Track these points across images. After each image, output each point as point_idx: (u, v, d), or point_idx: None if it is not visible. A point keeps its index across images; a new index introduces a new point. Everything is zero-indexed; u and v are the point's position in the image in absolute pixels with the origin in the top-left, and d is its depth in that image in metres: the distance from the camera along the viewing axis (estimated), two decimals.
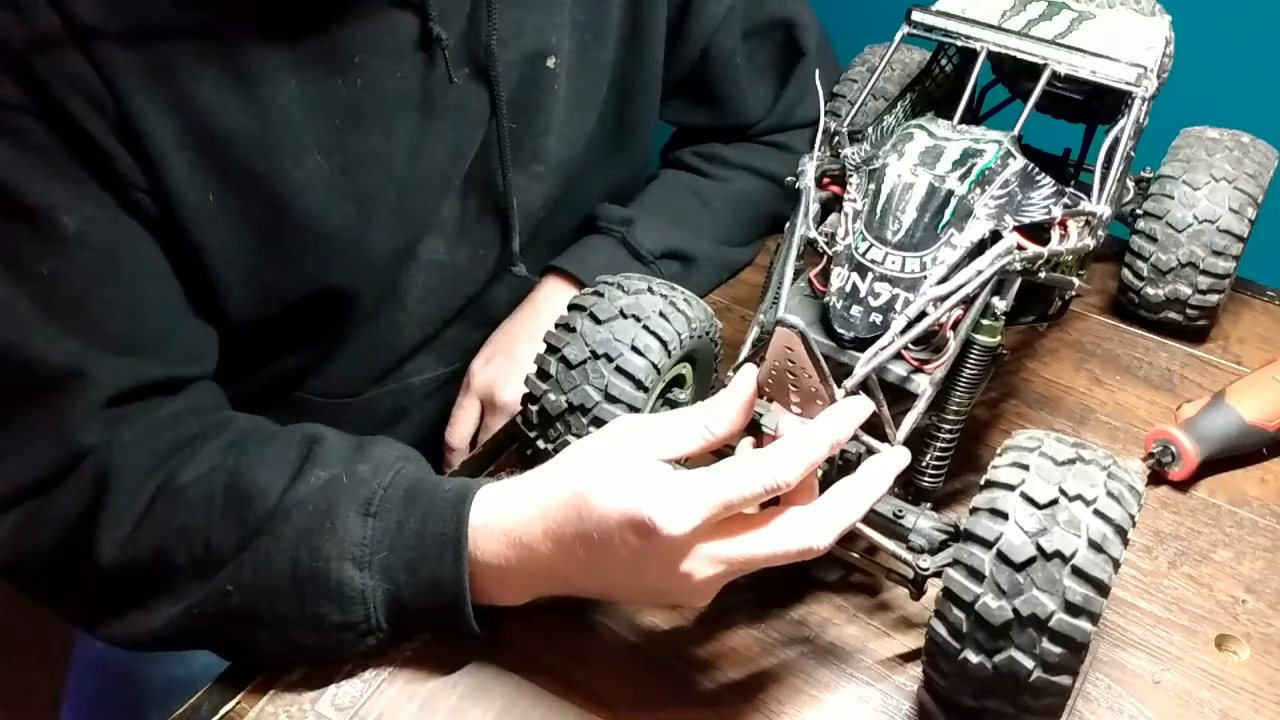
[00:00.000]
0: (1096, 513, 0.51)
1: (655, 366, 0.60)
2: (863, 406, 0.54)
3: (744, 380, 0.55)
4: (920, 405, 0.60)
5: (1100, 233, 0.66)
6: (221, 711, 0.59)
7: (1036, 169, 0.63)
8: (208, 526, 0.59)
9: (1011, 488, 0.52)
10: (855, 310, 0.58)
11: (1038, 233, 0.62)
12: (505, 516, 0.56)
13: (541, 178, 0.79)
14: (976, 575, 0.51)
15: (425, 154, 0.71)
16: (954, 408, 0.62)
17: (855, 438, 0.57)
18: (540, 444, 0.62)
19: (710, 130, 0.94)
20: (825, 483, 0.60)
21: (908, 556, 0.59)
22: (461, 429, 0.82)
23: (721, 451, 0.57)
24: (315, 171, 0.66)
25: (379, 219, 0.70)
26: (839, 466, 0.58)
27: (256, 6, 0.61)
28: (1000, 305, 0.60)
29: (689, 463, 0.55)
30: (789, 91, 0.92)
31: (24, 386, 0.60)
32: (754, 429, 0.59)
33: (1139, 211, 0.80)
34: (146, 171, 0.61)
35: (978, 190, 0.60)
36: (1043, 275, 0.63)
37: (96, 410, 0.61)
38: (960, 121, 0.66)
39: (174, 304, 0.65)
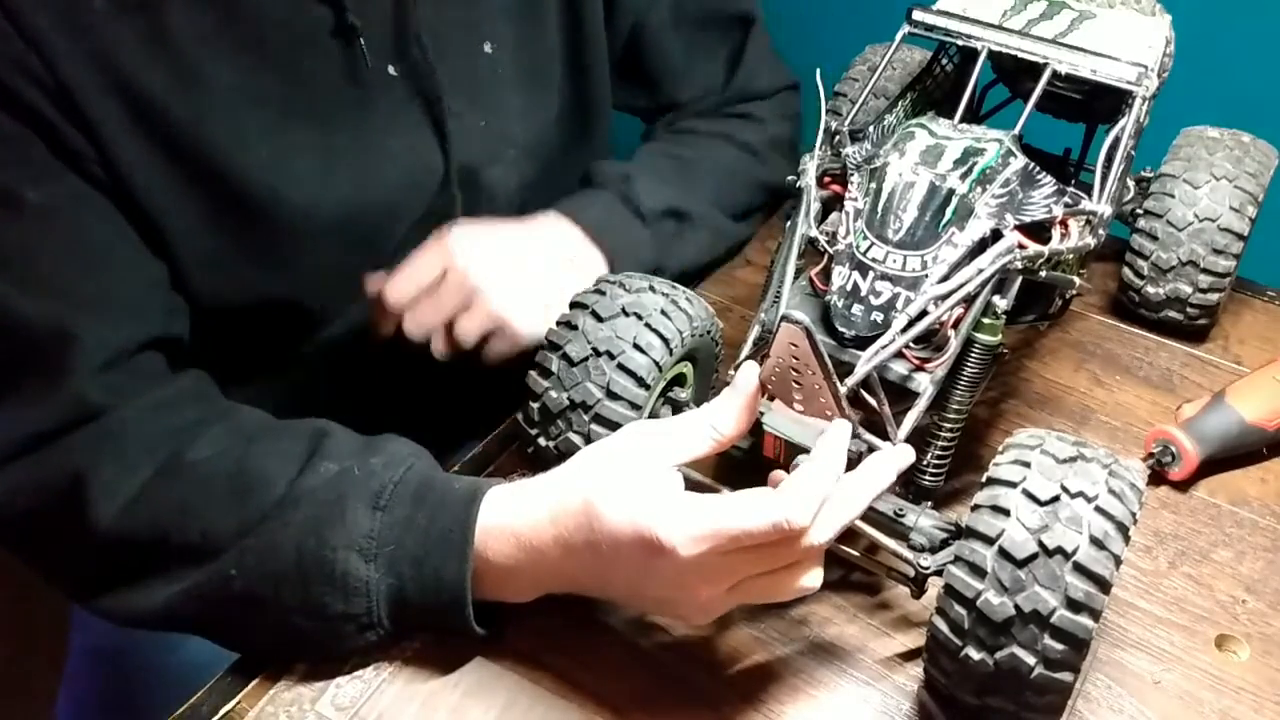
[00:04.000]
0: (1098, 510, 0.51)
1: (657, 364, 0.60)
2: (903, 458, 0.55)
3: (746, 378, 0.55)
4: (921, 404, 0.60)
5: (1101, 232, 0.66)
6: (221, 711, 0.59)
7: (1037, 168, 0.63)
8: (208, 508, 0.59)
9: (1013, 485, 0.52)
10: (856, 309, 0.58)
11: (1039, 232, 0.62)
12: (515, 519, 0.57)
13: (515, 162, 0.80)
14: (978, 571, 0.51)
15: (368, 146, 0.71)
16: (955, 406, 0.62)
17: (856, 436, 0.57)
18: (541, 441, 0.62)
19: (655, 111, 0.94)
20: None
21: (909, 555, 0.59)
22: (405, 287, 0.73)
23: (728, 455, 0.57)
24: (265, 154, 0.66)
25: (337, 211, 0.71)
26: None
27: None
28: (1001, 304, 0.60)
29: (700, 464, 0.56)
30: (744, 64, 0.93)
31: (16, 350, 0.61)
32: (755, 429, 0.59)
33: (1140, 210, 0.80)
34: (97, 149, 0.62)
35: (979, 189, 0.60)
36: (1043, 274, 0.63)
37: (93, 372, 0.61)
38: (961, 120, 0.66)
39: (147, 269, 0.66)
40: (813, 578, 0.55)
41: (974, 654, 0.52)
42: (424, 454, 0.63)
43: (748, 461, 0.61)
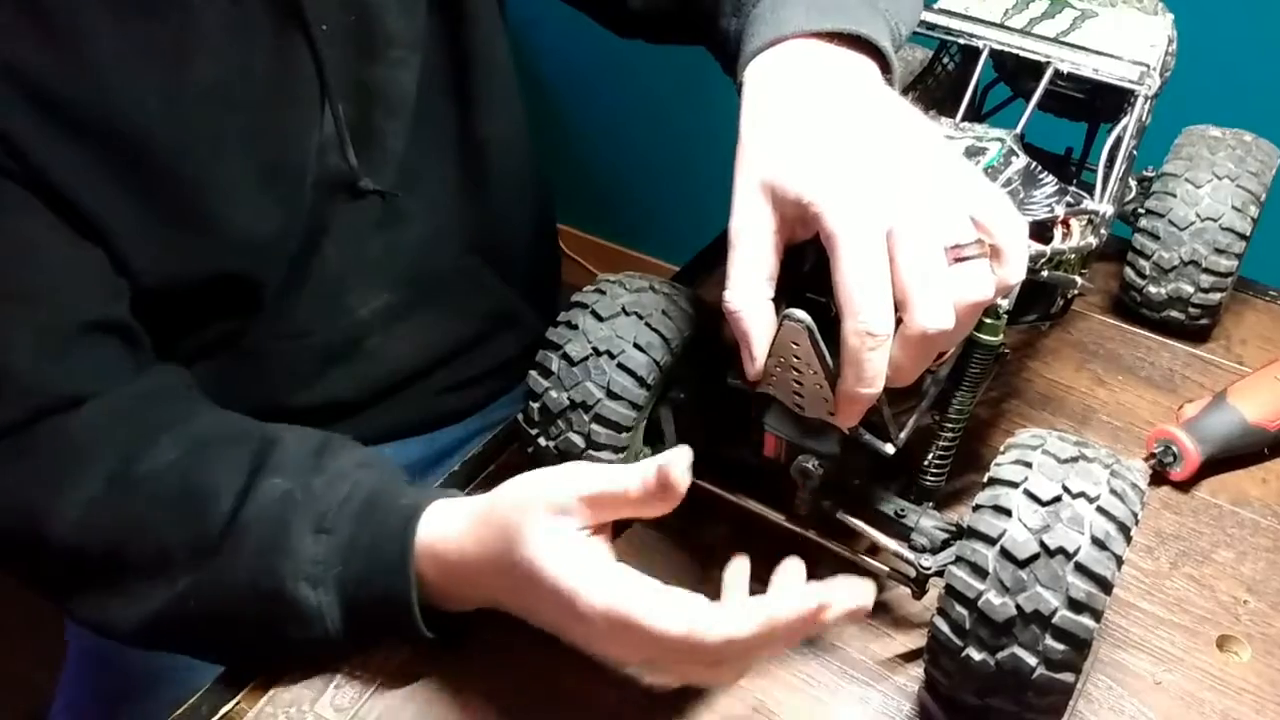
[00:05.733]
0: (1100, 510, 0.51)
1: (657, 364, 0.60)
2: (859, 598, 0.52)
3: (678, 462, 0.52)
4: (922, 404, 0.60)
5: (1103, 231, 0.66)
6: (221, 711, 0.59)
7: (1039, 167, 0.63)
8: (159, 526, 0.59)
9: (1015, 485, 0.52)
10: None
11: (1040, 231, 0.62)
12: (445, 538, 0.57)
13: (403, 61, 0.75)
14: (980, 572, 0.51)
15: (257, 73, 0.68)
16: (956, 407, 0.62)
17: (856, 434, 0.57)
18: (542, 441, 0.62)
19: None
20: (791, 494, 0.60)
21: (910, 555, 0.59)
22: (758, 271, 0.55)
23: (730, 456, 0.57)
24: (160, 115, 0.64)
25: (238, 151, 0.68)
26: (828, 468, 0.58)
27: None
28: (1003, 304, 0.59)
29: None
30: None
31: None
32: (757, 429, 0.59)
33: (1142, 210, 0.80)
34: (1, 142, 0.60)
35: None
36: (1045, 274, 0.63)
37: (33, 363, 0.60)
38: (963, 119, 0.66)
39: (76, 253, 0.64)
40: (733, 675, 0.55)
41: (975, 654, 0.52)
42: (374, 460, 0.62)
43: (748, 461, 0.61)
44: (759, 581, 0.65)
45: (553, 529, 0.53)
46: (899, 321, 0.50)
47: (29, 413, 0.60)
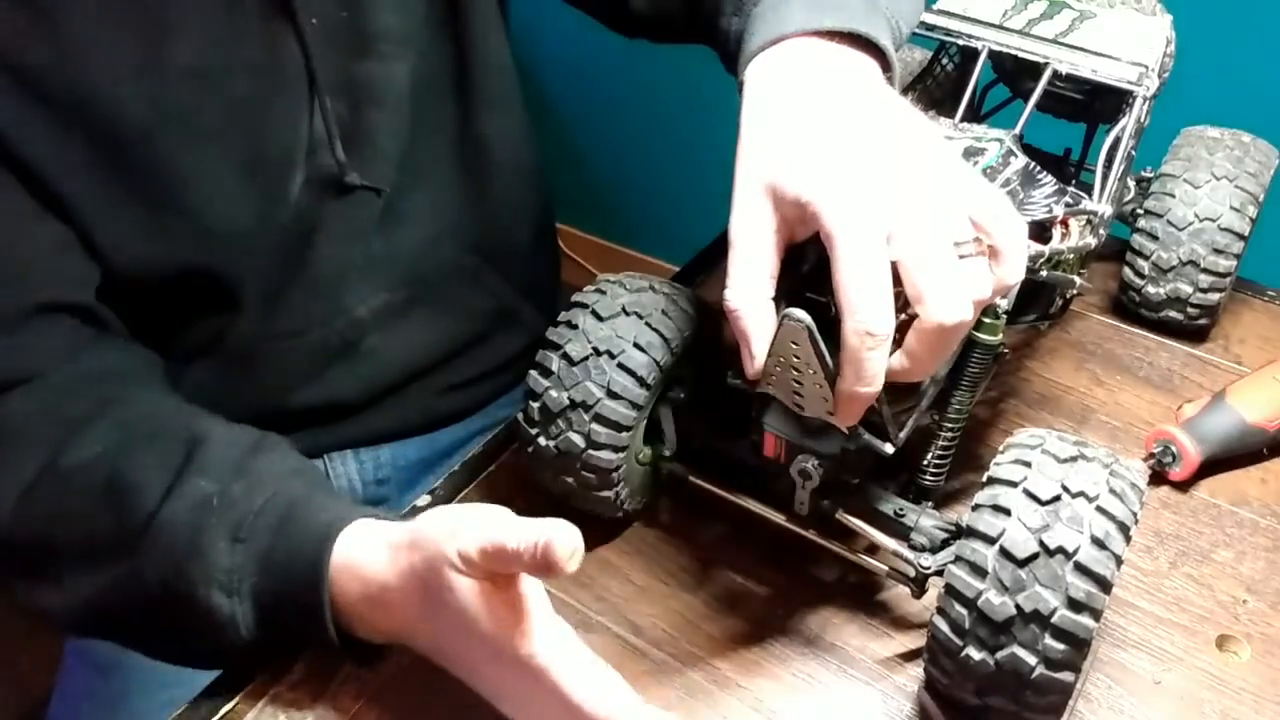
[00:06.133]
0: (1099, 509, 0.51)
1: (657, 363, 0.60)
2: None
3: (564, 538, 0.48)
4: (922, 404, 0.60)
5: (1101, 231, 0.66)
6: (221, 712, 0.59)
7: (1038, 167, 0.63)
8: (88, 519, 0.59)
9: (1014, 484, 0.52)
10: None
11: (1039, 231, 0.62)
12: (363, 562, 0.55)
13: (394, 56, 0.74)
14: (979, 571, 0.51)
15: (240, 61, 0.68)
16: (955, 406, 0.62)
17: (855, 433, 0.57)
18: (541, 441, 0.62)
19: None
20: (790, 493, 0.60)
21: (909, 555, 0.59)
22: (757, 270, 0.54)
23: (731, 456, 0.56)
24: (137, 96, 0.64)
25: (216, 138, 0.68)
26: (827, 468, 0.58)
27: None
28: (1001, 304, 0.60)
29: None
30: None
31: None
32: (757, 428, 0.59)
33: (1140, 210, 0.80)
34: None
35: None
36: (1044, 274, 0.63)
37: None
38: (962, 120, 0.66)
39: (41, 231, 0.64)
40: None
41: (975, 654, 0.52)
42: (305, 469, 0.61)
43: (748, 461, 0.61)
44: (759, 581, 0.66)
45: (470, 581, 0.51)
46: (899, 322, 0.50)
47: None
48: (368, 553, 0.55)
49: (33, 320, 0.63)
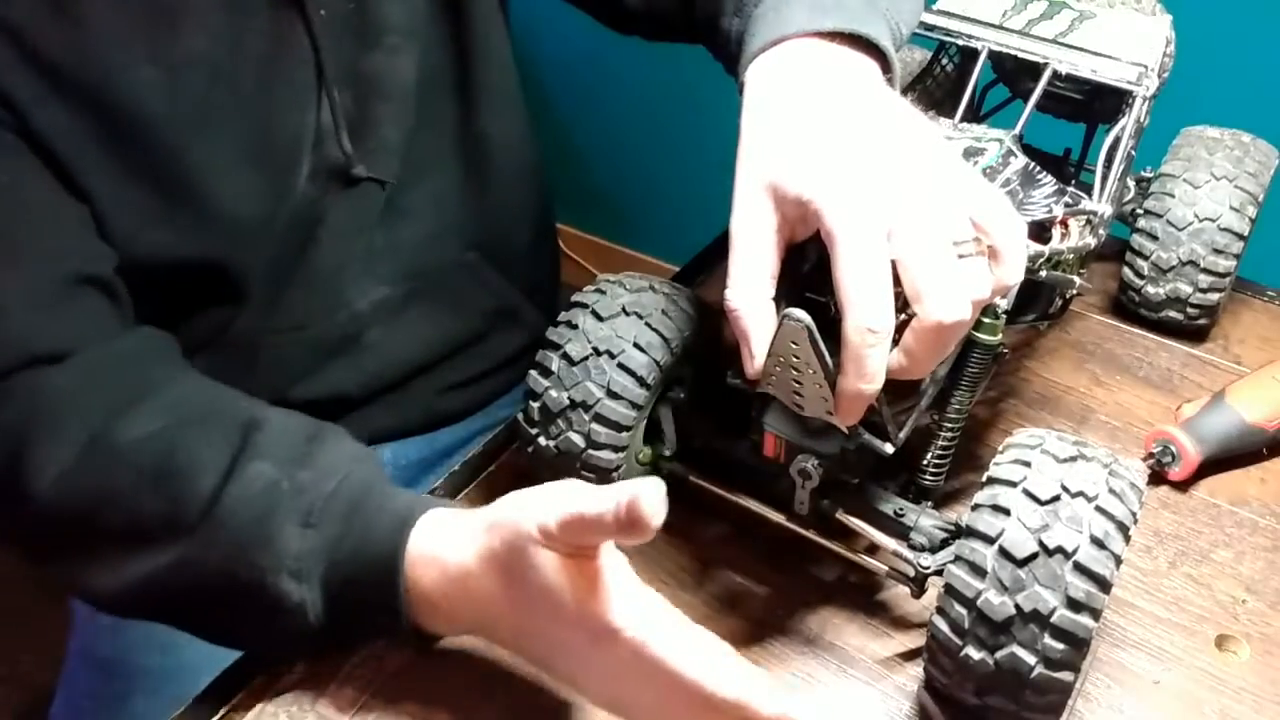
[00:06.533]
0: (1099, 509, 0.51)
1: (657, 363, 0.60)
2: None
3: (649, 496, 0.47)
4: (921, 404, 0.60)
5: (1101, 231, 0.66)
6: (221, 712, 0.59)
7: (1038, 167, 0.63)
8: (134, 499, 0.58)
9: (1014, 484, 0.52)
10: None
11: (1039, 231, 0.62)
12: (445, 549, 0.55)
13: (400, 49, 0.75)
14: (978, 571, 0.51)
15: (250, 52, 0.68)
16: (955, 406, 0.62)
17: (855, 433, 0.57)
18: (541, 441, 0.62)
19: None
20: (790, 493, 0.61)
21: (909, 555, 0.59)
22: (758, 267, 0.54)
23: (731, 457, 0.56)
24: (150, 83, 0.64)
25: (226, 128, 0.68)
26: (827, 468, 0.58)
27: None
28: (1001, 304, 0.60)
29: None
30: None
31: None
32: (757, 428, 0.59)
33: (1140, 210, 0.80)
34: None
35: None
36: (1043, 274, 0.63)
37: (21, 312, 0.60)
38: (961, 120, 0.66)
39: (64, 208, 0.64)
40: None
41: (974, 653, 0.52)
42: (366, 456, 0.61)
43: (748, 461, 0.61)
44: (759, 581, 0.66)
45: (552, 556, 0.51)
46: (899, 322, 0.50)
47: (11, 364, 0.60)
48: (446, 540, 0.55)
49: (67, 295, 0.62)
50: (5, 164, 0.62)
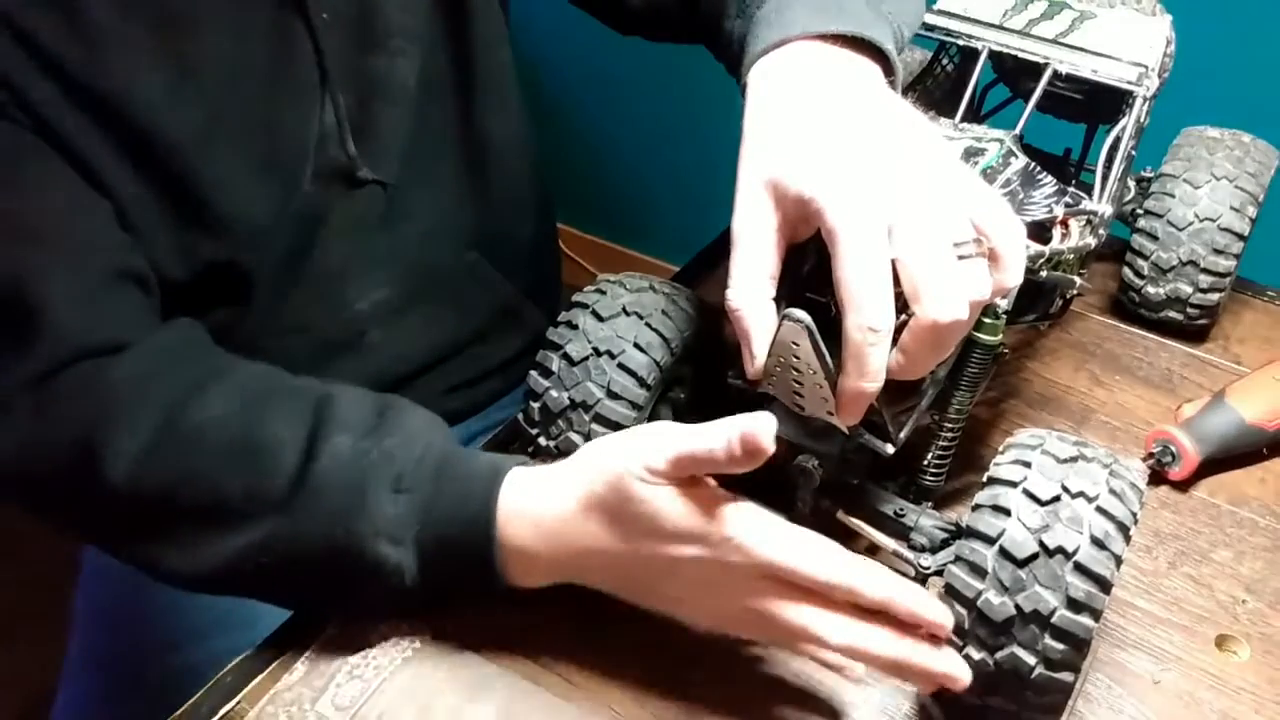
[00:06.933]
0: (1099, 509, 0.51)
1: (657, 364, 0.60)
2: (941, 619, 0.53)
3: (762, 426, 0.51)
4: (922, 404, 0.60)
5: (1101, 232, 0.66)
6: (221, 711, 0.59)
7: (1038, 168, 0.63)
8: (215, 478, 0.59)
9: (1014, 484, 0.52)
10: None
11: (1039, 231, 0.62)
12: (537, 502, 0.57)
13: (402, 51, 0.75)
14: (979, 571, 0.51)
15: (255, 58, 0.69)
16: (955, 407, 0.62)
17: (855, 433, 0.57)
18: (542, 441, 0.62)
19: None
20: (791, 493, 0.61)
21: (909, 555, 0.59)
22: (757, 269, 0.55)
23: None
24: (159, 90, 0.65)
25: (234, 135, 0.69)
26: (828, 468, 0.58)
27: None
28: (1001, 304, 0.60)
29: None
30: None
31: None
32: None
33: (1140, 210, 0.80)
34: (11, 93, 0.61)
35: None
36: (1044, 274, 0.63)
37: (69, 306, 0.61)
38: (962, 120, 0.66)
39: (94, 205, 0.65)
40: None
41: (974, 654, 0.52)
42: (438, 424, 0.62)
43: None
44: None
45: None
46: (899, 322, 0.50)
47: (66, 358, 0.60)
48: (535, 491, 0.57)
49: (112, 288, 0.63)
50: (33, 164, 0.63)
